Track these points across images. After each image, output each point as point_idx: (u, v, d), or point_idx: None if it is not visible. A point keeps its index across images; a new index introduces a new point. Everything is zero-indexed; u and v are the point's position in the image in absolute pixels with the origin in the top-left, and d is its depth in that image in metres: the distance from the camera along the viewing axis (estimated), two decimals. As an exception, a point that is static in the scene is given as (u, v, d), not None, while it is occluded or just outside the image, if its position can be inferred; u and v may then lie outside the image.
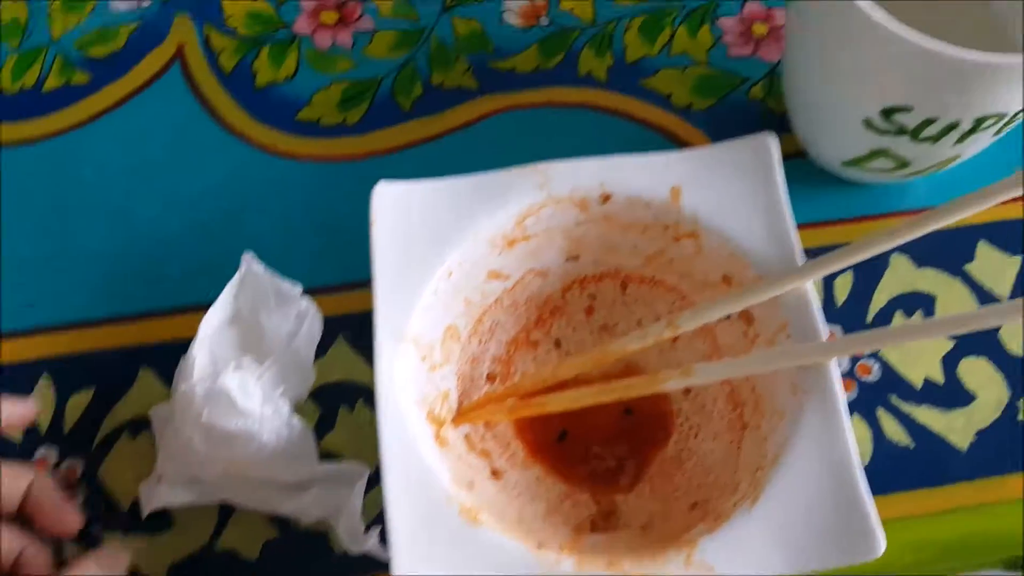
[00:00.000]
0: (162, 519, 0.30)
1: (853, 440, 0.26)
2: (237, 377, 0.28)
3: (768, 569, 0.25)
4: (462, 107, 0.37)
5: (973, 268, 0.33)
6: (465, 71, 0.37)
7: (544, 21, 0.38)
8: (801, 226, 0.34)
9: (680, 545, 0.26)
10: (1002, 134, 0.30)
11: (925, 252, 0.33)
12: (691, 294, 0.31)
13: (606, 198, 0.30)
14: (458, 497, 0.26)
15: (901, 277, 0.33)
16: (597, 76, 0.37)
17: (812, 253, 0.34)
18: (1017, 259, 0.33)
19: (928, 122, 0.28)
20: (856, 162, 0.32)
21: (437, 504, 0.26)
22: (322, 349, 0.33)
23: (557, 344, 0.33)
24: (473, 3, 0.38)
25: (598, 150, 0.36)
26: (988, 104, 0.27)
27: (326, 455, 0.31)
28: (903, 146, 0.30)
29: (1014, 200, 0.34)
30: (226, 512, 0.30)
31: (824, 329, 0.27)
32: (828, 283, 0.33)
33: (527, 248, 0.31)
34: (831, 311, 0.33)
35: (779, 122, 0.36)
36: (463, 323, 0.31)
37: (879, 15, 0.26)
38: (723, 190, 0.30)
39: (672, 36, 0.38)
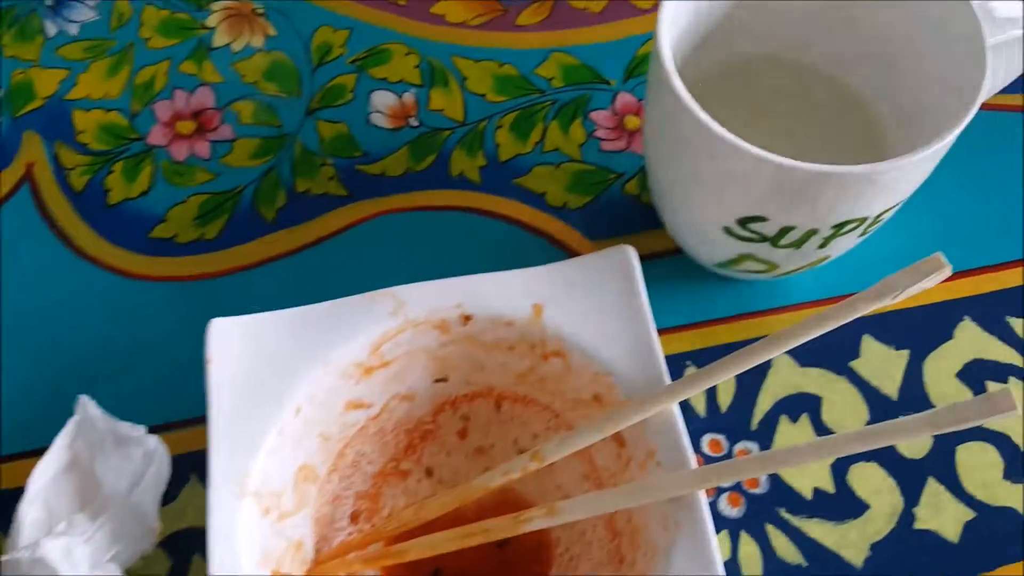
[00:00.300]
0: None
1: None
2: (62, 543, 0.26)
3: None
4: (329, 215, 0.35)
5: (859, 365, 0.32)
6: (331, 177, 0.36)
7: (413, 122, 0.37)
8: (683, 327, 0.33)
9: None
10: (869, 233, 0.29)
11: (808, 351, 0.32)
12: (564, 413, 0.30)
13: (466, 319, 0.28)
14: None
15: (785, 378, 0.32)
16: (470, 177, 0.36)
17: (696, 355, 0.33)
18: (904, 353, 0.32)
19: (786, 230, 0.27)
20: (726, 265, 0.31)
21: None
22: (172, 494, 0.30)
23: (429, 472, 0.31)
24: (338, 105, 0.37)
25: (473, 254, 0.35)
26: (842, 211, 0.26)
27: (177, 612, 0.29)
28: (767, 252, 0.28)
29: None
30: None
31: (692, 456, 0.26)
32: (711, 389, 0.32)
33: (388, 373, 0.29)
34: (715, 417, 0.31)
35: (655, 218, 0.35)
36: (320, 460, 0.29)
37: (718, 128, 0.25)
38: (585, 307, 0.28)
39: (544, 132, 0.36)
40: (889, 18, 0.30)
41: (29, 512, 0.27)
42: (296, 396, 0.27)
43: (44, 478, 0.28)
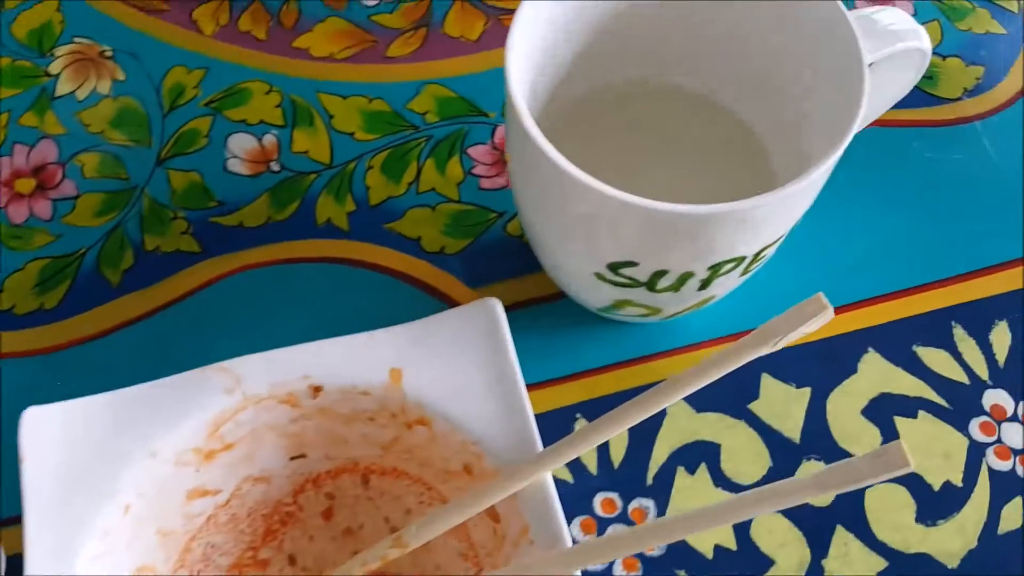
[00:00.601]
0: None
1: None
2: None
3: None
4: (181, 274, 0.32)
5: (758, 407, 0.30)
6: (184, 231, 0.32)
7: (275, 166, 0.34)
8: (571, 377, 0.31)
9: None
10: (751, 272, 0.27)
11: (704, 394, 0.29)
12: (437, 485, 0.27)
13: (316, 390, 0.26)
14: None
15: (681, 426, 0.30)
16: (338, 224, 0.33)
17: (586, 407, 0.30)
18: (805, 391, 0.30)
19: (660, 274, 0.25)
20: (608, 310, 0.29)
21: None
22: (1, 601, 0.27)
23: (291, 560, 0.27)
24: (191, 152, 0.34)
25: (343, 310, 0.32)
26: (715, 253, 0.24)
27: None
28: (645, 296, 0.26)
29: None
30: None
31: (566, 533, 0.23)
32: (603, 443, 0.29)
33: (234, 456, 0.26)
34: (608, 473, 0.29)
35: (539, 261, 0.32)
36: (162, 558, 0.25)
37: (573, 169, 0.22)
38: (448, 369, 0.26)
39: (419, 172, 0.34)
40: (768, 39, 0.28)
41: None
42: (122, 493, 0.24)
43: None
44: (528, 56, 0.25)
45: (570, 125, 0.30)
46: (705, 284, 0.25)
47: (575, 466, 0.29)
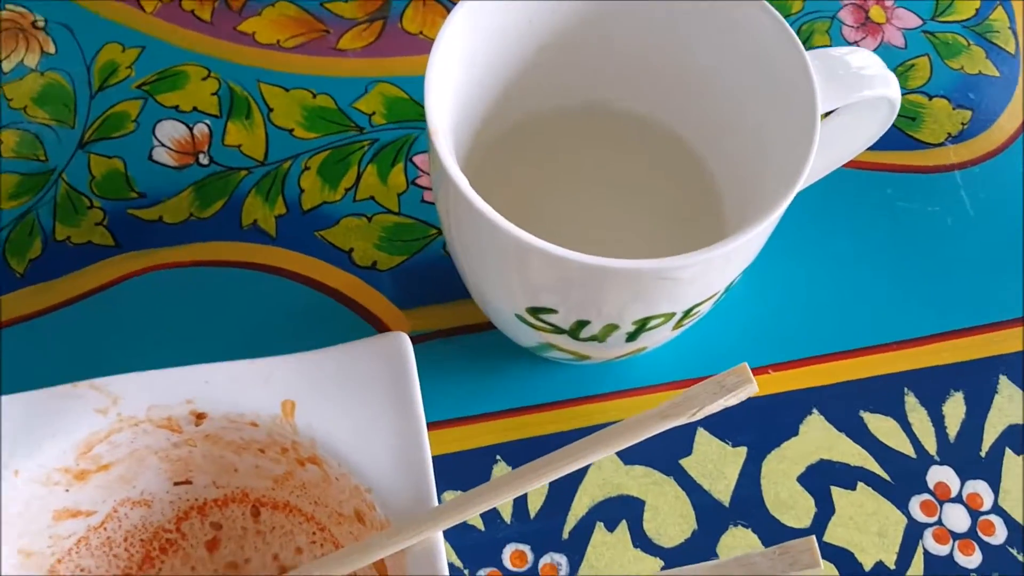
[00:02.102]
0: None
1: None
2: None
3: None
4: (91, 269, 0.30)
5: (690, 464, 0.28)
6: (99, 222, 0.30)
7: (203, 159, 0.32)
8: (496, 414, 0.29)
9: None
10: (687, 325, 0.25)
11: (634, 446, 0.28)
12: (330, 526, 0.25)
13: (200, 417, 0.24)
14: None
15: (606, 478, 0.28)
16: (264, 227, 0.31)
17: (508, 448, 0.28)
18: (741, 451, 0.28)
19: (582, 324, 0.23)
20: (536, 349, 0.27)
21: None
22: None
23: (168, 591, 0.26)
24: (117, 136, 0.32)
25: (259, 322, 0.29)
26: (638, 309, 0.21)
27: None
28: (569, 343, 0.24)
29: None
30: None
31: (451, 601, 0.21)
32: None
33: (111, 477, 0.24)
34: (523, 523, 0.27)
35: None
36: (22, 582, 0.24)
37: (480, 203, 0.20)
38: (346, 405, 0.24)
39: (359, 177, 0.32)
40: (724, 76, 0.26)
41: None
42: (-25, 513, 0.22)
43: None
44: (457, 76, 0.23)
45: (507, 152, 0.28)
46: (632, 337, 0.23)
47: (488, 512, 0.27)
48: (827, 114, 0.26)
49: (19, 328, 0.29)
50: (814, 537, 0.19)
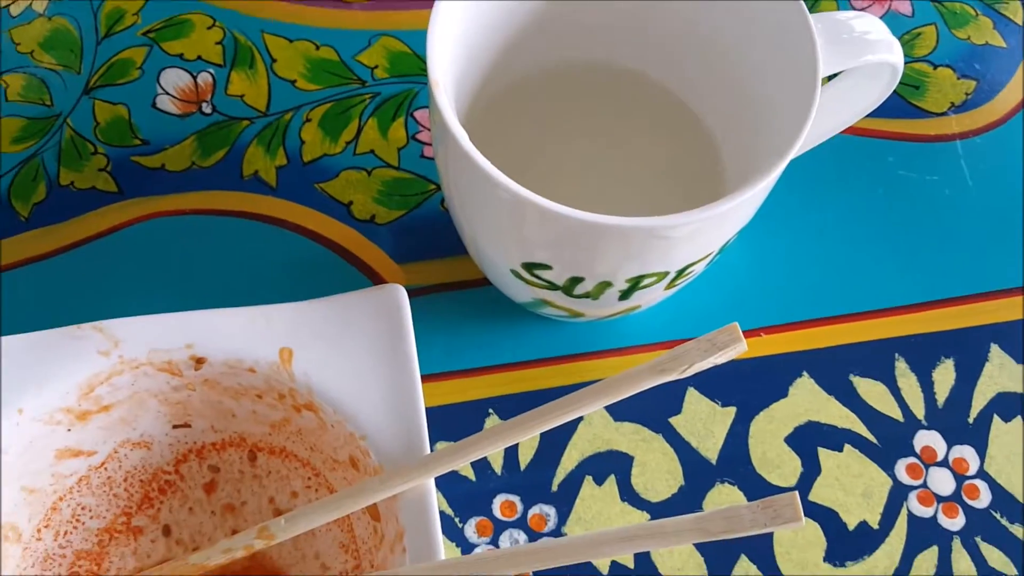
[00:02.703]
0: None
1: None
2: None
3: None
4: (93, 214, 0.30)
5: (679, 422, 0.28)
6: (102, 168, 0.31)
7: (206, 108, 0.32)
8: (490, 368, 0.29)
9: None
10: (680, 285, 0.25)
11: (624, 403, 0.28)
12: (324, 471, 0.26)
13: (199, 361, 0.24)
14: None
15: (595, 433, 0.28)
16: (265, 178, 0.31)
17: (500, 402, 0.29)
18: (730, 411, 0.29)
19: (576, 280, 0.23)
20: (530, 306, 0.27)
21: None
22: None
23: (166, 531, 0.26)
24: (122, 83, 0.32)
25: (258, 272, 0.30)
26: (632, 267, 0.22)
27: None
28: (562, 300, 0.24)
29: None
30: None
31: (440, 547, 0.22)
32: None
33: (112, 418, 0.25)
34: (513, 475, 0.28)
35: (474, 240, 0.30)
36: (25, 516, 0.24)
37: (478, 157, 0.20)
38: (343, 355, 0.24)
39: (360, 131, 0.32)
40: (726, 34, 0.26)
41: None
42: (-20, 448, 0.23)
43: None
44: (459, 31, 0.23)
45: (507, 108, 0.28)
46: (625, 295, 0.24)
47: (479, 463, 0.28)
48: (829, 78, 0.26)
49: (22, 271, 0.29)
50: (797, 492, 0.19)
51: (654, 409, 0.29)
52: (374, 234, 0.31)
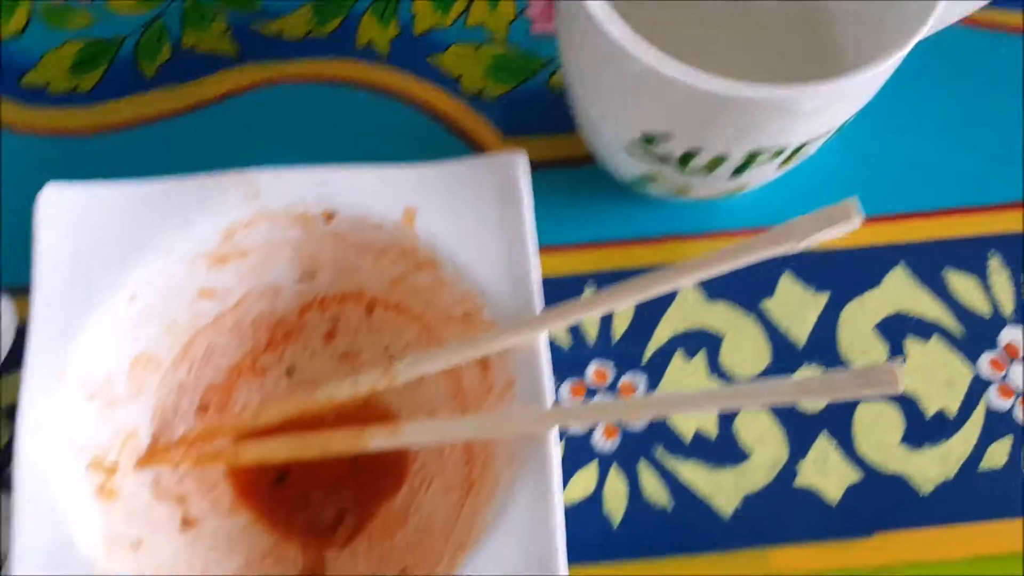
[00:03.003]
0: None
1: (561, 529, 0.22)
2: None
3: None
4: (216, 76, 0.31)
5: (771, 305, 0.29)
6: (223, 33, 0.32)
7: (323, -23, 0.32)
8: (590, 244, 0.30)
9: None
10: (792, 165, 0.25)
11: (719, 283, 0.29)
12: (437, 327, 0.27)
13: (330, 216, 0.26)
14: (108, 567, 0.23)
15: (689, 311, 0.29)
16: (378, 48, 0.32)
17: (599, 277, 0.30)
18: (823, 296, 0.30)
19: (692, 153, 0.24)
20: (637, 182, 0.28)
21: (72, 582, 0.22)
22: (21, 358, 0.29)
23: (289, 372, 0.29)
24: (242, -51, 0.33)
25: (368, 139, 0.31)
26: (752, 139, 0.22)
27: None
28: (674, 174, 0.25)
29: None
30: None
31: (550, 394, 0.24)
32: (607, 313, 0.29)
33: (246, 265, 0.27)
34: (606, 345, 0.29)
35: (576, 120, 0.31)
36: (164, 349, 0.27)
37: (620, 31, 0.21)
38: (463, 216, 0.25)
39: (469, 5, 0.32)
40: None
41: None
42: (129, 282, 0.25)
43: None
44: None
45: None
46: (739, 171, 0.24)
47: (575, 333, 0.29)
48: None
49: (149, 128, 0.31)
50: (900, 362, 0.20)
51: (747, 291, 0.30)
52: (481, 107, 0.31)
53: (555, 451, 0.23)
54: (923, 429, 0.29)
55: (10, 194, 0.30)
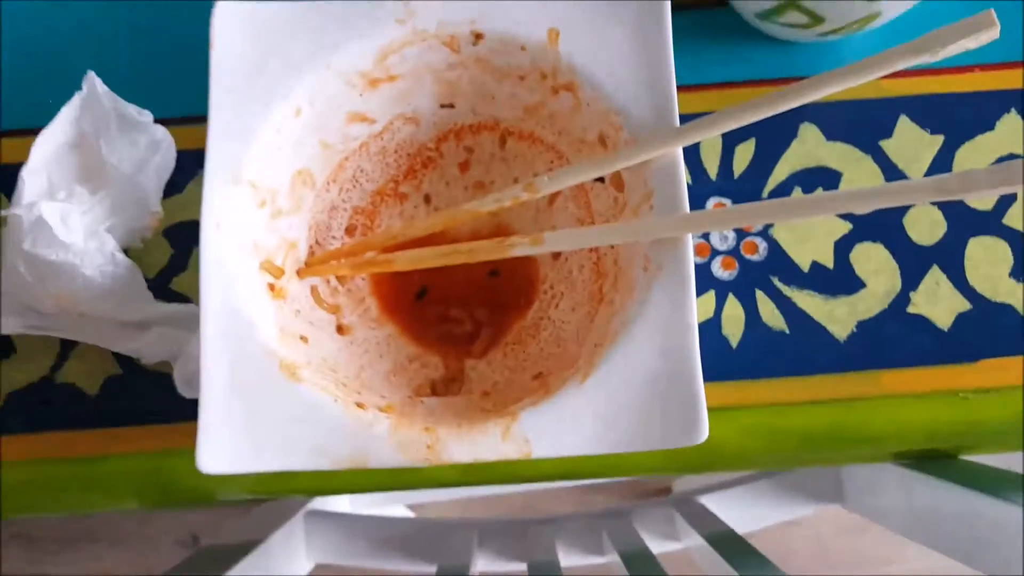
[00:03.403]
0: (3, 347, 0.30)
1: (694, 324, 0.24)
2: (59, 208, 0.27)
3: (584, 448, 0.24)
4: (353, -76, 0.33)
5: (888, 145, 0.30)
6: None
7: None
8: (714, 85, 0.31)
9: (503, 415, 0.25)
10: (926, -7, 0.26)
11: (838, 124, 0.30)
12: (569, 154, 0.29)
13: (478, 37, 0.27)
14: (280, 352, 0.25)
15: (808, 150, 0.31)
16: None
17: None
18: (939, 138, 0.30)
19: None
20: (769, 15, 0.29)
21: (255, 359, 0.25)
22: (179, 184, 0.31)
23: (427, 199, 0.30)
24: None
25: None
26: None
27: (176, 296, 0.30)
28: (811, -1, 0.26)
29: (946, 71, 0.31)
30: (69, 345, 0.30)
31: (686, 202, 0.25)
32: (728, 150, 0.31)
33: (394, 90, 0.28)
34: (727, 181, 0.30)
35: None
36: (319, 168, 0.29)
37: None
38: (605, 39, 0.27)
39: None
40: None
41: (31, 180, 0.28)
42: (296, 95, 0.27)
43: (47, 149, 0.29)
44: None
45: None
46: (876, -7, 0.25)
47: (696, 169, 0.31)
48: None
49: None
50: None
51: (866, 132, 0.31)
52: (608, -44, 0.32)
53: (691, 253, 0.25)
54: (1032, 266, 0.30)
55: (161, 18, 0.32)
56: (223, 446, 0.24)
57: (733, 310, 0.29)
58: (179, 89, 0.31)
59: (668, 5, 0.26)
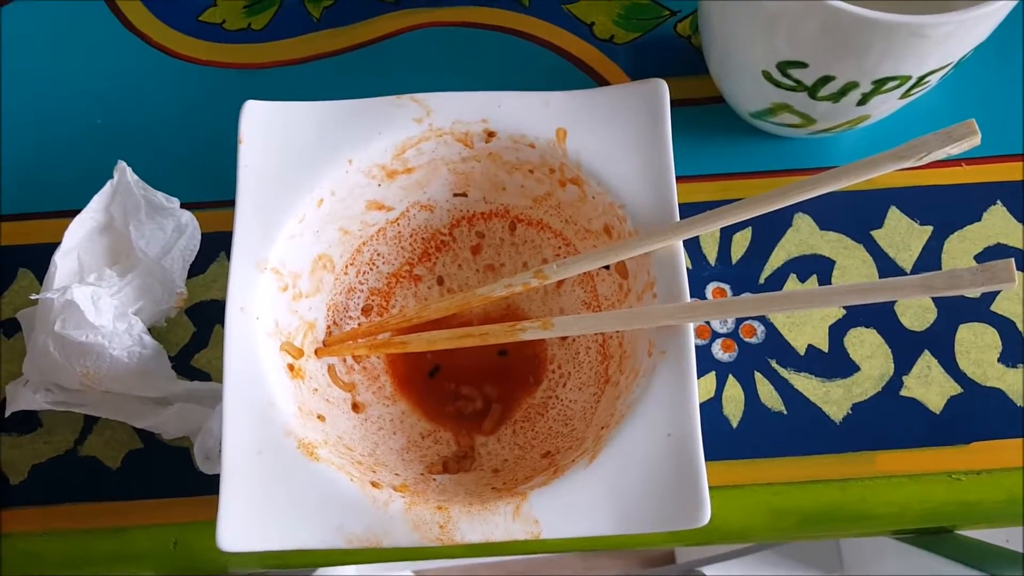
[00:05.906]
0: (29, 421, 0.31)
1: (696, 408, 0.25)
2: (89, 291, 0.28)
3: (592, 530, 0.25)
4: (375, 20, 0.35)
5: (879, 235, 0.32)
6: (381, -20, 0.35)
7: (470, -68, 0.36)
8: (710, 177, 0.33)
9: (514, 495, 0.26)
10: (913, 97, 0.28)
11: (831, 214, 0.32)
12: (575, 241, 0.31)
13: (490, 135, 0.29)
14: (298, 432, 0.26)
15: (802, 239, 0.32)
16: (519, -2, 0.35)
17: (716, 206, 0.33)
18: (928, 229, 0.32)
19: (825, 80, 0.26)
20: (763, 115, 0.30)
21: (274, 438, 0.26)
22: (202, 266, 0.32)
23: (440, 281, 0.32)
24: (397, -95, 0.36)
25: (512, 77, 0.34)
26: (886, 66, 0.25)
27: (196, 372, 0.31)
28: (803, 103, 0.28)
29: (934, 165, 0.32)
30: (92, 420, 0.31)
31: (687, 291, 0.27)
32: (726, 239, 0.32)
33: (411, 180, 0.30)
34: (725, 267, 0.32)
35: (702, 63, 0.34)
36: (338, 253, 0.30)
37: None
38: (609, 136, 0.28)
39: (602, -41, 0.35)
40: None
41: (63, 263, 0.30)
42: (319, 188, 0.28)
43: (79, 234, 0.30)
44: None
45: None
46: (865, 99, 0.27)
47: (696, 255, 0.32)
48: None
49: (317, 63, 0.35)
50: (1013, 260, 0.22)
51: (857, 222, 0.32)
52: (613, 53, 0.34)
53: (692, 340, 0.26)
54: (1020, 349, 0.31)
55: (189, 117, 0.34)
56: (243, 525, 0.25)
57: (733, 391, 0.31)
58: (204, 176, 0.33)
59: (668, 107, 0.28)
